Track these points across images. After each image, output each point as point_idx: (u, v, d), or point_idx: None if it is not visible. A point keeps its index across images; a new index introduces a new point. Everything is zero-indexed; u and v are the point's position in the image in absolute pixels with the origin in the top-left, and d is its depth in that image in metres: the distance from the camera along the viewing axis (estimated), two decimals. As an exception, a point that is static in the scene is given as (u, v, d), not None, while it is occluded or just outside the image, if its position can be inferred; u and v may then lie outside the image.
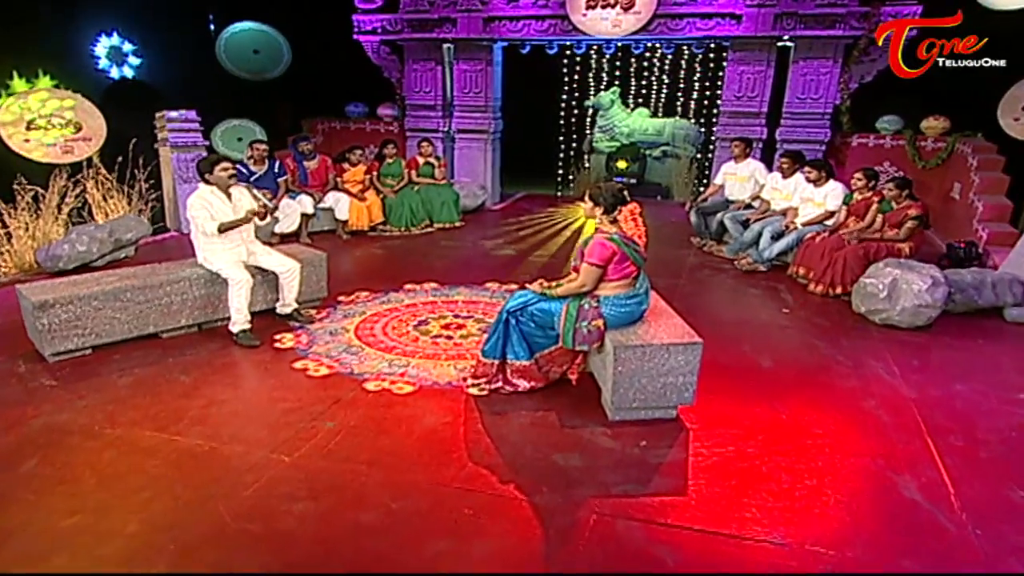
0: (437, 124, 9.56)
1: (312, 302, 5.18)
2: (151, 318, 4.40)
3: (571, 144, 12.52)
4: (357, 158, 7.82)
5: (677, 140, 11.35)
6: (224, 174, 4.39)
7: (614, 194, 3.61)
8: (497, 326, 3.80)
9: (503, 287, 5.80)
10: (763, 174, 7.30)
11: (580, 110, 12.37)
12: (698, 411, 3.67)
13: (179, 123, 7.41)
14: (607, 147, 11.70)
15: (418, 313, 5.03)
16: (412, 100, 9.58)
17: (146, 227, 6.41)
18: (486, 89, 9.32)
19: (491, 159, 9.67)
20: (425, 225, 8.01)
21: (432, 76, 9.39)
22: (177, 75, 8.70)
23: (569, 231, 8.27)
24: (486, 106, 9.38)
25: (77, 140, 7.09)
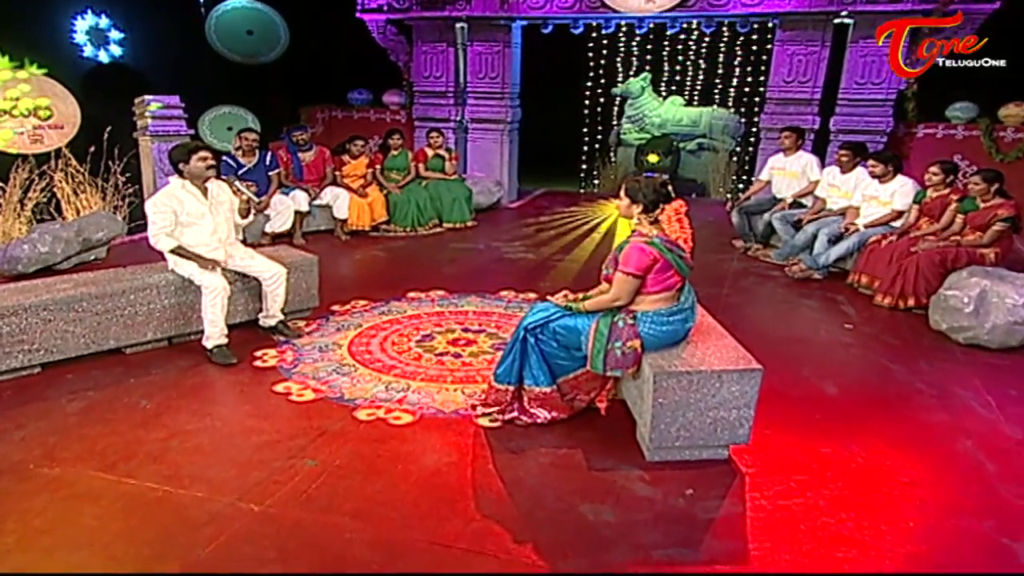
0: (448, 113, 9.38)
1: (301, 313, 4.92)
2: (112, 331, 4.13)
3: (596, 136, 12.35)
4: (359, 150, 7.59)
5: (715, 132, 11.10)
6: (202, 164, 4.14)
7: (655, 189, 3.23)
8: (513, 345, 3.47)
9: (520, 296, 5.54)
10: (816, 169, 6.89)
11: (607, 98, 12.19)
12: (754, 451, 3.29)
13: (160, 110, 7.27)
14: (636, 139, 11.51)
15: (422, 326, 4.81)
16: (421, 86, 9.39)
17: (119, 226, 6.16)
18: (503, 74, 9.11)
19: (508, 152, 9.49)
20: (433, 225, 7.85)
21: (443, 59, 9.20)
22: (163, 58, 8.56)
23: (597, 233, 8.02)
24: (503, 93, 9.19)
25: (48, 128, 6.93)
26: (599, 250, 7.08)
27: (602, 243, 7.45)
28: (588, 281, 5.60)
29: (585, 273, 6.22)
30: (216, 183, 4.34)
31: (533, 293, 5.54)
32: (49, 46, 7.62)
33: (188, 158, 4.13)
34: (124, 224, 6.44)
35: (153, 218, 4.14)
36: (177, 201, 4.17)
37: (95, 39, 8.30)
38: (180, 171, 4.17)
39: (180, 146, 4.25)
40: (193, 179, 4.18)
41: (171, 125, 7.30)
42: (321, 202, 7.33)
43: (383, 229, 7.60)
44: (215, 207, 4.29)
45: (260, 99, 9.50)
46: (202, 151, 4.17)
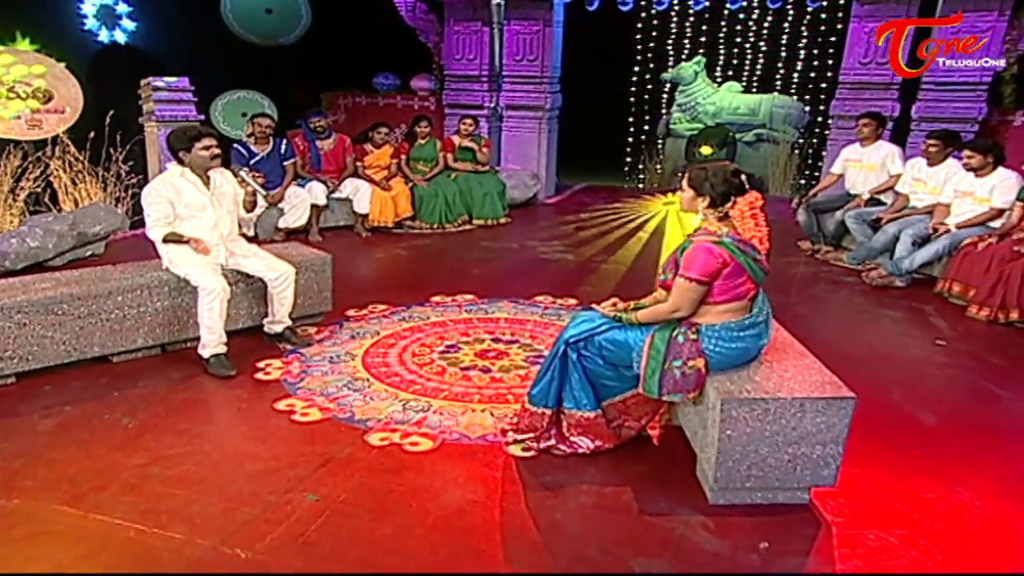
0: (482, 99, 9.18)
1: (311, 318, 4.71)
2: (97, 337, 3.92)
3: (642, 127, 12.14)
4: (382, 138, 7.42)
5: (775, 121, 10.77)
6: (206, 154, 3.97)
7: (726, 179, 2.88)
8: (551, 362, 3.17)
9: (558, 303, 5.27)
10: (898, 161, 6.47)
11: (655, 85, 12.00)
12: (841, 494, 2.94)
13: (167, 92, 7.16)
14: (687, 129, 11.32)
15: (447, 335, 4.59)
16: (452, 70, 9.21)
17: (119, 219, 6.00)
18: (543, 56, 8.86)
19: (546, 142, 9.26)
20: (462, 221, 7.69)
21: (477, 40, 9.01)
22: (176, 40, 8.47)
23: (643, 233, 7.76)
24: (542, 77, 8.94)
25: (47, 112, 6.79)
26: (647, 252, 6.88)
27: (650, 244, 7.21)
28: (634, 287, 5.46)
29: (631, 278, 6.01)
30: (220, 172, 4.17)
31: (573, 299, 5.30)
32: (53, 25, 7.57)
33: (190, 146, 3.95)
34: (125, 217, 6.30)
35: (148, 209, 3.99)
36: (174, 190, 3.99)
37: (104, 19, 8.21)
38: (180, 159, 4.00)
39: (180, 131, 4.05)
40: (195, 168, 4.01)
41: (179, 110, 7.17)
42: (340, 195, 7.18)
43: (407, 226, 7.43)
44: (218, 198, 4.12)
45: (278, 84, 9.40)
46: (206, 138, 3.99)
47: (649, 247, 7.06)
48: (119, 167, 6.74)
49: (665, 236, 7.54)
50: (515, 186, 8.58)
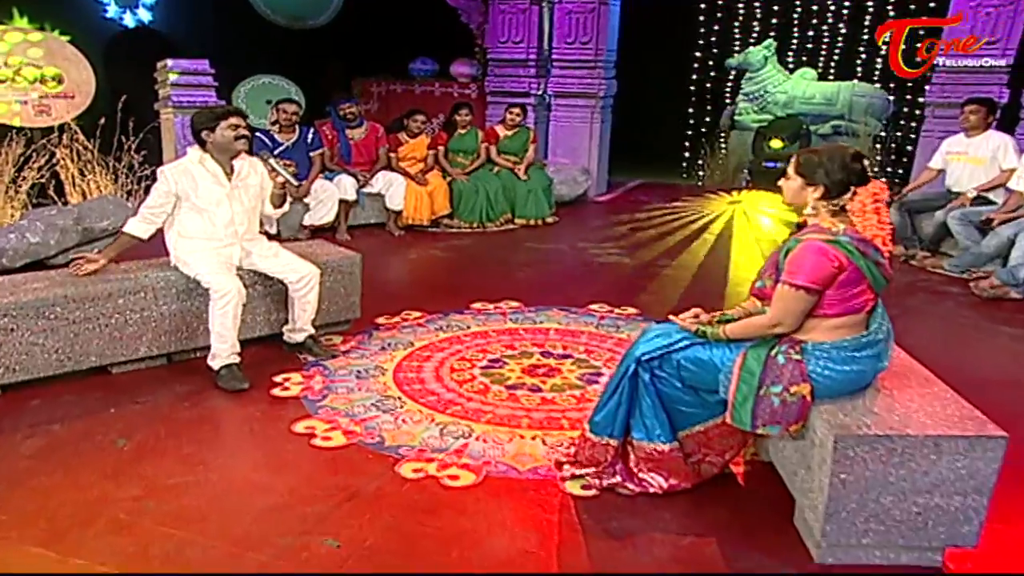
0: (528, 86, 9.11)
1: (337, 326, 4.52)
2: (94, 345, 3.72)
3: (704, 118, 12.04)
4: (418, 126, 7.30)
5: (855, 111, 10.54)
6: (230, 134, 3.78)
7: (844, 164, 2.56)
8: (618, 383, 2.86)
9: (615, 312, 5.04)
10: (1012, 154, 6.10)
11: (719, 71, 11.88)
12: (983, 556, 2.56)
13: (185, 76, 7.13)
14: (755, 121, 11.17)
15: (490, 347, 4.39)
16: (497, 53, 9.16)
17: (128, 213, 5.65)
18: (597, 38, 8.76)
19: (599, 133, 9.20)
20: (505, 220, 7.58)
21: (525, 21, 8.93)
22: (198, 21, 8.57)
23: (708, 235, 7.54)
24: (595, 62, 8.86)
25: (55, 98, 6.85)
26: (713, 257, 6.66)
27: (716, 248, 6.96)
28: (702, 296, 5.30)
29: (698, 285, 5.80)
30: (247, 161, 3.99)
31: (633, 309, 5.07)
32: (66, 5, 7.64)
33: (214, 125, 3.78)
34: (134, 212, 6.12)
35: (150, 192, 3.87)
36: (190, 179, 3.81)
37: (124, 1, 8.37)
38: (203, 141, 3.83)
39: (206, 109, 3.93)
40: (218, 153, 3.84)
41: (198, 95, 7.12)
42: (372, 190, 7.07)
43: (444, 224, 7.32)
44: (241, 191, 3.94)
45: (306, 69, 9.45)
46: (233, 116, 3.82)
47: (715, 251, 6.84)
48: (131, 157, 6.72)
49: (733, 239, 7.33)
50: (563, 182, 8.47)
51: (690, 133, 11.96)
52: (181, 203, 3.83)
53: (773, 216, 8.43)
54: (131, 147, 6.74)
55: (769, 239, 7.32)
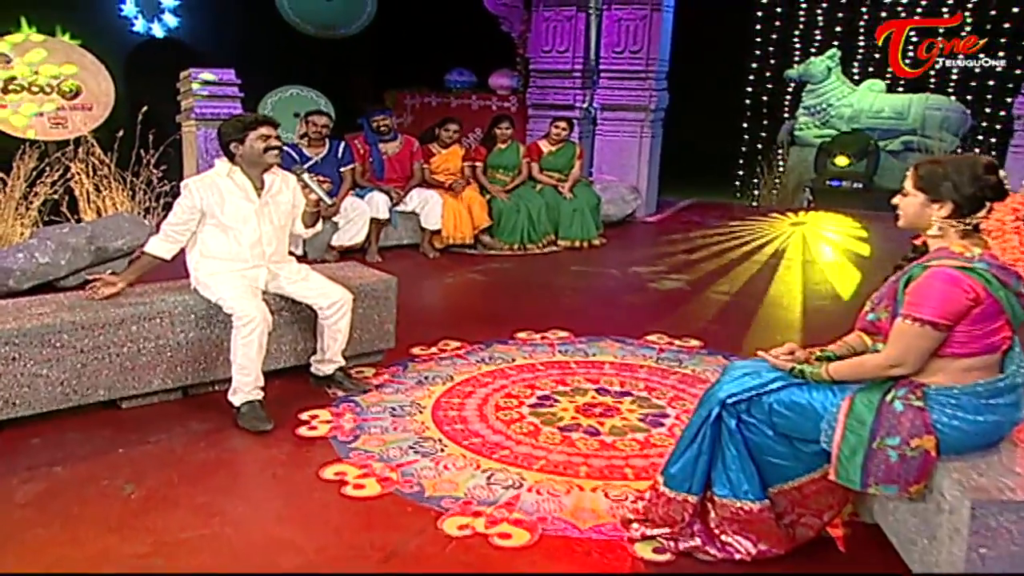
0: (573, 98, 9.08)
1: (369, 357, 4.40)
2: (103, 377, 3.58)
3: (759, 133, 12.07)
4: (450, 136, 7.28)
5: (929, 126, 10.40)
6: (260, 145, 3.71)
7: (976, 176, 2.33)
8: (698, 430, 2.63)
9: (676, 344, 4.87)
10: None
11: (777, 83, 11.91)
12: None
13: (210, 86, 7.11)
14: (817, 136, 11.22)
15: (538, 383, 4.24)
16: (540, 63, 9.17)
17: (146, 232, 5.73)
18: (648, 47, 8.73)
19: (649, 149, 9.08)
20: (548, 241, 7.51)
21: (571, 29, 8.93)
22: (223, 31, 8.66)
23: (775, 260, 7.32)
24: (647, 72, 8.80)
25: (72, 110, 6.94)
26: (782, 285, 6.46)
27: (783, 275, 6.75)
28: (772, 327, 5.25)
29: (768, 315, 5.64)
30: (279, 176, 3.91)
31: (696, 341, 4.87)
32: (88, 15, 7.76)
33: (243, 135, 3.70)
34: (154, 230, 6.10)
35: (173, 208, 3.77)
36: (217, 193, 3.72)
37: (146, 9, 8.45)
38: (231, 153, 3.75)
39: (234, 119, 3.87)
40: (247, 166, 3.76)
41: (223, 106, 7.06)
42: (405, 208, 7.01)
43: (484, 243, 7.28)
44: (271, 208, 3.85)
45: (337, 80, 9.51)
46: (263, 126, 3.74)
47: (783, 278, 6.64)
48: (150, 172, 6.73)
49: (801, 264, 7.16)
50: (610, 201, 8.39)
51: (744, 150, 12.01)
52: (205, 220, 3.74)
53: (840, 239, 8.26)
54: (150, 162, 6.75)
55: (840, 265, 7.13)
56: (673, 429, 3.56)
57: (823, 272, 6.84)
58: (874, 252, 7.52)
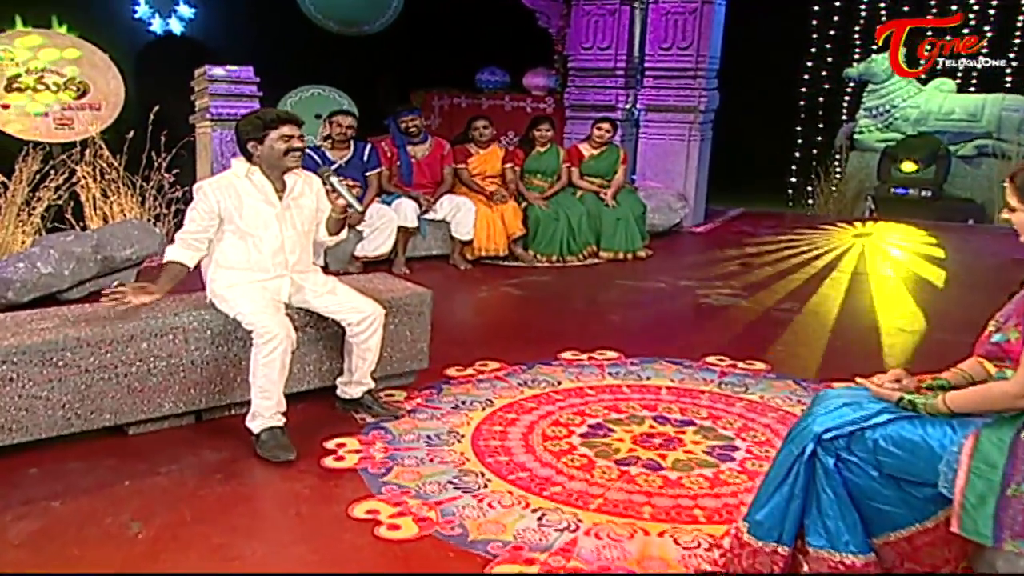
0: (615, 98, 9.11)
1: (400, 379, 4.31)
2: (109, 400, 3.48)
3: (815, 136, 12.04)
4: (482, 133, 7.20)
5: (1005, 128, 10.42)
6: (281, 146, 3.61)
7: None
8: (789, 470, 2.46)
9: (740, 367, 4.75)
10: None
11: (834, 83, 11.84)
12: None
13: (226, 84, 7.11)
14: (880, 140, 11.24)
15: (589, 409, 4.14)
16: (579, 61, 9.19)
17: (157, 240, 5.78)
18: (698, 43, 8.70)
19: (698, 153, 9.06)
20: (589, 253, 7.50)
21: (613, 24, 8.98)
22: (239, 27, 8.76)
23: (840, 273, 7.28)
24: (696, 71, 8.78)
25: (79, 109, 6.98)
26: (852, 300, 6.36)
27: (853, 291, 6.64)
28: (849, 350, 5.12)
29: (842, 336, 5.45)
30: (302, 176, 3.82)
31: (760, 363, 4.75)
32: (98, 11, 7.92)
33: (263, 135, 3.60)
34: (164, 239, 6.12)
35: (188, 213, 3.66)
36: (234, 196, 3.62)
37: (159, 6, 8.60)
38: (249, 153, 3.67)
39: (252, 116, 3.75)
40: (267, 167, 3.67)
41: (240, 105, 6.99)
42: (435, 216, 6.98)
43: (518, 255, 7.22)
44: (293, 213, 3.75)
45: (360, 80, 9.60)
46: (286, 124, 3.64)
47: (853, 294, 6.54)
48: (161, 176, 6.76)
49: (871, 279, 7.07)
50: (656, 209, 8.36)
51: (798, 155, 11.99)
52: (223, 226, 3.64)
53: (912, 252, 8.13)
54: (162, 165, 6.78)
55: (916, 280, 7.01)
56: (745, 464, 3.42)
57: (898, 288, 6.71)
58: (951, 267, 7.36)
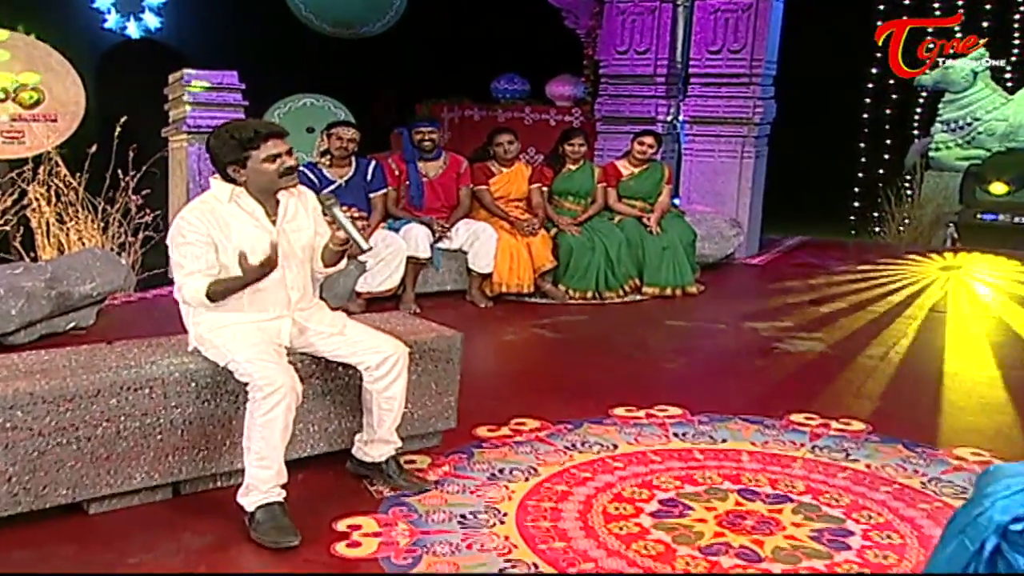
0: (655, 109, 9.21)
1: (422, 440, 4.18)
2: (68, 470, 3.30)
3: (882, 153, 12.05)
4: (511, 152, 7.17)
5: None
6: (270, 168, 3.49)
7: None
8: (965, 567, 2.21)
9: (833, 428, 4.60)
10: None
11: (903, 92, 11.83)
12: None
13: (207, 91, 7.09)
14: (960, 158, 11.35)
15: (657, 480, 4.01)
16: (612, 68, 9.30)
17: (122, 274, 5.85)
18: (753, 44, 8.74)
19: (752, 172, 9.10)
20: (631, 288, 7.45)
21: (653, 24, 9.08)
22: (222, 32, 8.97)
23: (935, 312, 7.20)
24: (751, 76, 8.84)
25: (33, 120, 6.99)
26: (957, 346, 6.28)
27: (954, 333, 6.60)
28: (973, 408, 5.03)
29: (955, 389, 5.34)
30: (296, 193, 3.72)
31: (858, 423, 4.58)
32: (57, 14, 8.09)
33: (244, 157, 3.47)
34: (131, 272, 6.20)
35: (179, 252, 3.48)
36: (217, 224, 3.48)
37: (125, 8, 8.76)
38: (229, 175, 3.54)
39: (229, 131, 3.56)
40: (257, 191, 3.55)
41: (222, 116, 6.82)
42: (449, 245, 6.95)
43: (546, 292, 7.16)
44: (291, 238, 3.65)
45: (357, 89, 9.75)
46: (268, 139, 3.51)
47: (955, 339, 6.48)
48: (128, 198, 6.76)
49: (975, 321, 7.01)
50: (705, 236, 8.31)
51: (862, 175, 12.00)
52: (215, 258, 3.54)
53: (1013, 287, 8.07)
54: (129, 185, 6.78)
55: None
56: (865, 554, 3.23)
57: (1009, 331, 6.63)
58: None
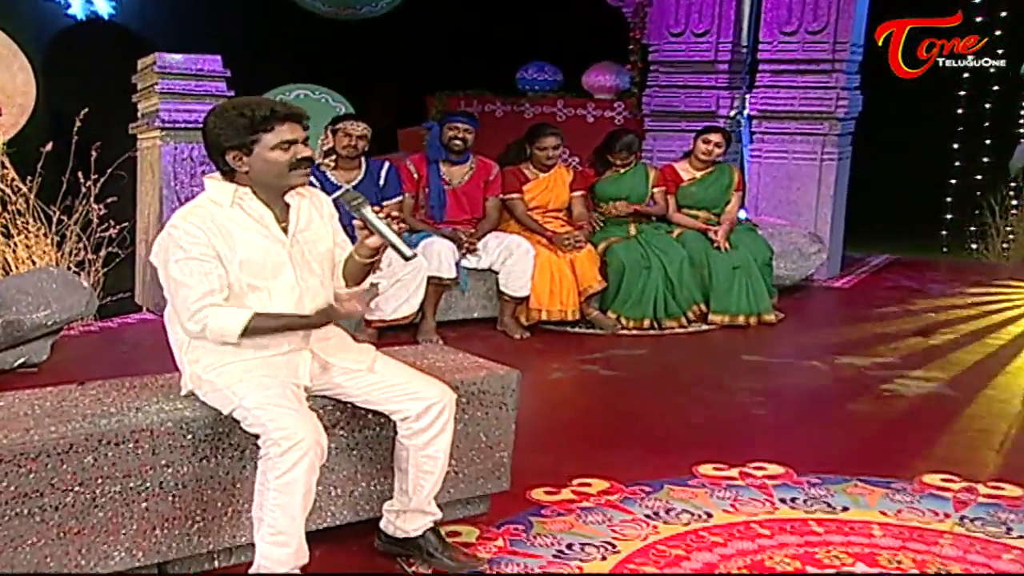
0: (716, 102, 9.39)
1: (469, 507, 4.09)
2: (30, 549, 3.11)
3: (980, 156, 12.06)
4: (548, 155, 7.16)
5: None
6: (282, 157, 3.37)
7: None
8: None
9: (980, 494, 4.45)
10: None
11: (1006, 84, 11.75)
12: None
13: (184, 80, 7.16)
14: None
15: (771, 557, 3.89)
16: (665, 53, 9.51)
17: (82, 298, 5.91)
18: (836, 23, 8.87)
19: (833, 178, 9.19)
20: (696, 315, 7.47)
21: (713, 1, 9.31)
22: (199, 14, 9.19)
23: None
24: (832, 61, 8.95)
25: None
26: None
27: None
28: None
29: None
30: (307, 196, 3.59)
31: (1013, 487, 4.40)
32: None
33: (252, 140, 3.34)
34: (93, 295, 6.26)
35: (180, 271, 3.31)
36: (219, 233, 3.36)
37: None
38: (226, 170, 3.40)
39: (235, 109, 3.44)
40: (262, 188, 3.43)
41: (202, 109, 6.84)
42: (476, 264, 6.97)
43: (593, 320, 7.16)
44: (305, 250, 3.53)
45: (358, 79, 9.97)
46: (285, 122, 3.39)
47: None
48: (89, 208, 6.84)
49: None
50: (781, 254, 8.35)
51: (955, 182, 11.94)
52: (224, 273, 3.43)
53: None
54: (90, 191, 6.85)
55: None
56: None
57: None
58: None
